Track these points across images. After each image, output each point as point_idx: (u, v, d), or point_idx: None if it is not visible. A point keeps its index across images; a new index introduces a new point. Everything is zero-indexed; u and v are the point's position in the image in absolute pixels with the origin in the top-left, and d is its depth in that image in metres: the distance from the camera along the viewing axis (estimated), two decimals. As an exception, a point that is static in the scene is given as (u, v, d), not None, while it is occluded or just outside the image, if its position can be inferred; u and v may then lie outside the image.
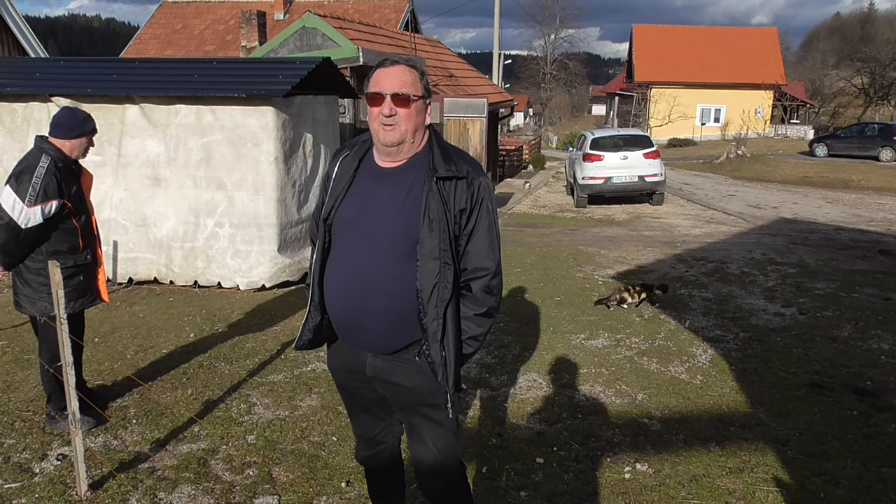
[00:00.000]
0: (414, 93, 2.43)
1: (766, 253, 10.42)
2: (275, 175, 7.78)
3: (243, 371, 5.46)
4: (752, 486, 3.78)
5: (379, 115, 2.41)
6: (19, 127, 8.22)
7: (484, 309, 2.51)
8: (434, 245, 2.38)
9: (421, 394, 2.55)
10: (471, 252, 2.48)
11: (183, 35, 29.52)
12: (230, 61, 9.96)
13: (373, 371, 2.57)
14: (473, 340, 2.53)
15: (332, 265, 2.55)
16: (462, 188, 2.43)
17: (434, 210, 2.38)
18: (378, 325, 2.48)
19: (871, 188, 22.57)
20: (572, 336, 6.36)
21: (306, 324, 2.64)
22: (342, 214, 2.52)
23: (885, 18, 64.12)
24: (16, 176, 4.00)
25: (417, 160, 2.50)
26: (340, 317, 2.56)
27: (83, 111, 4.35)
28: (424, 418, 2.60)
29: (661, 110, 46.08)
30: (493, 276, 2.50)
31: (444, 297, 2.40)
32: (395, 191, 2.47)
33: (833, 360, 5.70)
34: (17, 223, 3.95)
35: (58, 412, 4.31)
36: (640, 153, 17.12)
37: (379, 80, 2.44)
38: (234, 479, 3.85)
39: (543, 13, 66.78)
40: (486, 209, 2.48)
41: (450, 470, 2.68)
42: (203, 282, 7.99)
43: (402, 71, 2.44)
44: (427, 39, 23.19)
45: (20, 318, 6.76)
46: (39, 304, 4.16)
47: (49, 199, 4.02)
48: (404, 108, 2.41)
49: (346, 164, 2.58)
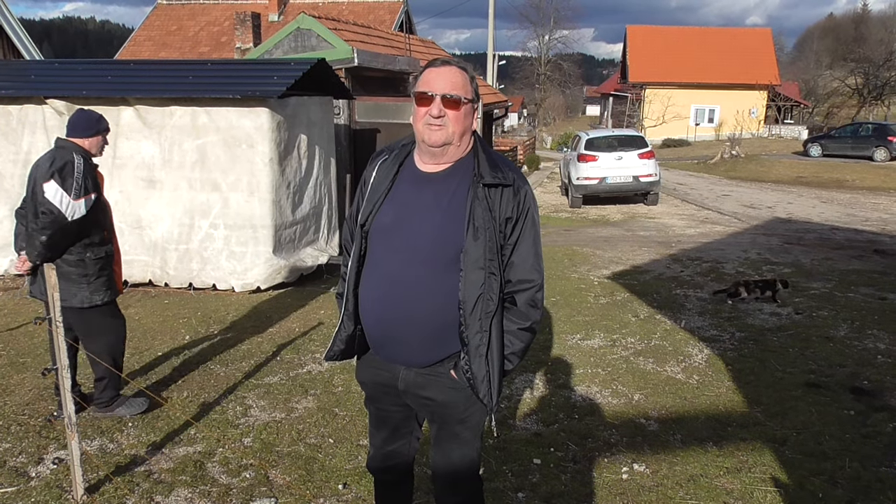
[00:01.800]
0: (465, 95, 2.36)
1: (761, 253, 10.44)
2: (270, 176, 7.76)
3: (239, 373, 5.44)
4: (750, 486, 3.78)
5: (426, 115, 2.34)
6: (14, 129, 8.20)
7: (528, 323, 2.42)
8: (479, 254, 2.30)
9: (453, 410, 2.47)
10: (515, 263, 2.39)
11: (177, 37, 29.44)
12: (225, 63, 9.95)
13: (405, 385, 2.48)
14: (514, 356, 2.44)
15: (369, 273, 2.46)
16: (508, 196, 2.35)
17: (480, 217, 2.30)
18: (415, 337, 2.39)
19: (866, 188, 22.63)
20: (568, 336, 6.36)
21: (338, 334, 2.55)
22: (381, 221, 2.43)
23: (878, 19, 64.27)
24: (58, 172, 4.17)
25: (461, 166, 2.42)
26: (376, 328, 2.47)
27: (95, 111, 4.55)
28: (451, 434, 2.53)
29: (655, 111, 46.13)
30: (539, 288, 2.41)
31: (490, 308, 2.32)
32: (437, 197, 2.38)
33: (829, 360, 5.71)
34: (65, 216, 4.17)
35: (111, 399, 4.56)
36: (634, 153, 17.14)
37: (429, 79, 2.36)
38: (231, 482, 3.84)
39: (538, 14, 66.71)
40: (531, 219, 2.41)
41: (467, 485, 2.63)
42: (198, 284, 7.97)
43: (454, 72, 2.37)
44: (422, 40, 23.17)
45: (15, 321, 6.75)
46: (80, 295, 4.35)
47: (89, 192, 4.30)
48: (454, 111, 2.34)
49: (384, 168, 2.49)
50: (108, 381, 4.55)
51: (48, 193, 4.15)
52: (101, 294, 4.43)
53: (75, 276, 4.34)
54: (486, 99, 19.39)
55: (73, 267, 4.33)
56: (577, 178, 17.47)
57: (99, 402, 4.60)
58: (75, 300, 4.34)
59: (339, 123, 11.29)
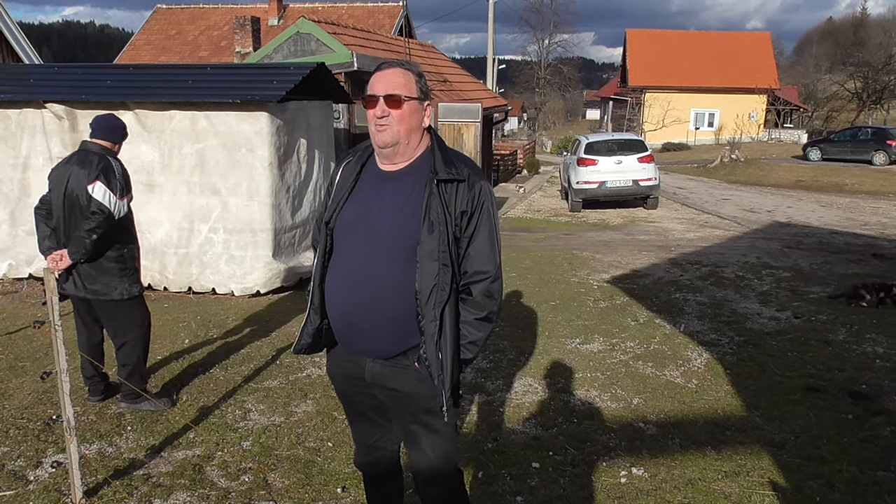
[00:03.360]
0: (406, 94, 2.44)
1: (760, 257, 10.44)
2: (269, 180, 7.77)
3: (238, 377, 5.44)
4: (748, 490, 3.78)
5: (373, 117, 2.44)
6: (13, 133, 8.21)
7: (484, 313, 2.49)
8: (433, 246, 2.38)
9: (419, 401, 2.53)
10: (471, 255, 2.47)
11: (177, 41, 29.49)
12: (224, 67, 9.98)
13: (372, 377, 2.56)
14: (472, 345, 2.51)
15: (333, 268, 2.56)
16: (463, 191, 2.44)
17: (434, 212, 2.39)
18: (377, 327, 2.47)
19: (865, 192, 22.63)
20: (567, 340, 6.36)
21: (305, 327, 2.63)
22: (344, 218, 2.53)
23: (877, 23, 64.33)
24: (103, 173, 4.44)
25: (419, 164, 2.51)
26: (340, 319, 2.55)
27: (120, 119, 4.81)
28: (422, 426, 2.59)
29: (655, 115, 46.11)
30: (494, 279, 2.49)
31: (442, 298, 2.40)
32: (396, 194, 2.48)
33: (828, 364, 5.72)
34: (114, 215, 4.46)
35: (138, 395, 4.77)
36: (634, 157, 17.15)
37: (374, 82, 2.47)
38: (230, 486, 3.84)
39: (538, 18, 66.85)
40: (486, 212, 2.48)
41: (447, 477, 2.67)
42: (197, 288, 7.97)
43: (395, 73, 2.47)
44: (421, 44, 23.20)
45: (14, 325, 6.76)
46: (120, 288, 4.61)
47: (129, 191, 4.62)
48: (396, 109, 2.43)
49: (348, 169, 2.60)
50: (136, 374, 4.78)
51: (97, 194, 4.40)
52: (137, 286, 4.72)
53: (116, 270, 4.58)
54: (486, 103, 19.41)
55: (115, 262, 4.57)
56: (576, 182, 17.48)
57: (127, 395, 4.80)
58: (115, 293, 4.59)
59: (339, 127, 11.32)
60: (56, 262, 4.41)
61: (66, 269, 4.47)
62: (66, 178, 4.48)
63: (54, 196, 4.55)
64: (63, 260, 4.42)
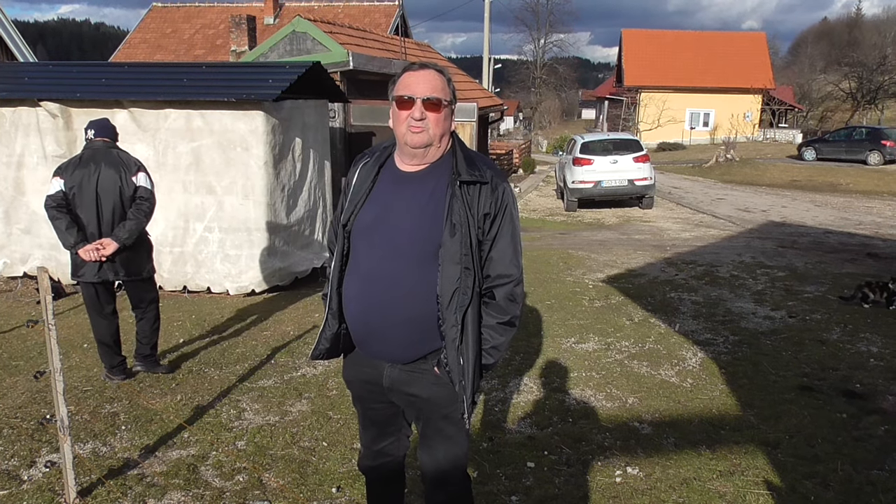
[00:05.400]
0: (444, 98, 2.41)
1: (755, 256, 10.47)
2: (264, 179, 7.76)
3: (233, 376, 5.43)
4: (742, 489, 3.79)
5: (408, 119, 2.38)
6: (7, 132, 8.18)
7: (507, 317, 2.46)
8: (455, 249, 2.34)
9: (438, 405, 2.50)
10: (494, 258, 2.43)
11: (172, 39, 29.43)
12: (220, 65, 9.96)
13: (390, 382, 2.51)
14: (494, 350, 2.47)
15: (352, 271, 2.50)
16: (486, 193, 2.40)
17: (457, 214, 2.35)
18: (397, 332, 2.43)
19: (860, 192, 22.70)
20: (563, 340, 6.37)
21: (323, 332, 2.58)
22: (362, 220, 2.48)
23: (872, 23, 64.46)
24: (142, 166, 5.03)
25: (440, 165, 2.47)
26: (358, 324, 2.50)
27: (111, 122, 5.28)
28: (437, 431, 2.56)
29: (650, 114, 46.22)
30: (517, 283, 2.46)
31: (464, 302, 2.36)
32: (416, 195, 2.43)
33: (822, 363, 5.73)
34: (156, 200, 5.08)
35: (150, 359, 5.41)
36: (629, 157, 17.17)
37: (409, 83, 2.41)
38: (225, 486, 3.83)
39: (534, 18, 66.94)
40: (510, 215, 2.45)
41: (455, 483, 2.64)
42: (192, 287, 7.96)
43: (433, 76, 2.42)
44: (417, 44, 23.20)
45: (7, 324, 6.74)
46: (147, 266, 5.21)
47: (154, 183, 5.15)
48: (434, 113, 2.38)
49: (366, 170, 2.55)
50: (156, 338, 5.42)
51: (143, 182, 4.97)
52: (154, 264, 5.32)
53: (145, 251, 5.17)
54: (482, 102, 19.41)
55: (144, 245, 5.14)
56: (572, 181, 17.50)
57: (149, 360, 5.40)
58: (144, 272, 5.17)
59: (335, 126, 11.31)
60: (97, 251, 4.75)
61: (109, 255, 4.81)
62: (94, 175, 4.84)
63: (83, 195, 4.83)
64: (108, 247, 4.78)
